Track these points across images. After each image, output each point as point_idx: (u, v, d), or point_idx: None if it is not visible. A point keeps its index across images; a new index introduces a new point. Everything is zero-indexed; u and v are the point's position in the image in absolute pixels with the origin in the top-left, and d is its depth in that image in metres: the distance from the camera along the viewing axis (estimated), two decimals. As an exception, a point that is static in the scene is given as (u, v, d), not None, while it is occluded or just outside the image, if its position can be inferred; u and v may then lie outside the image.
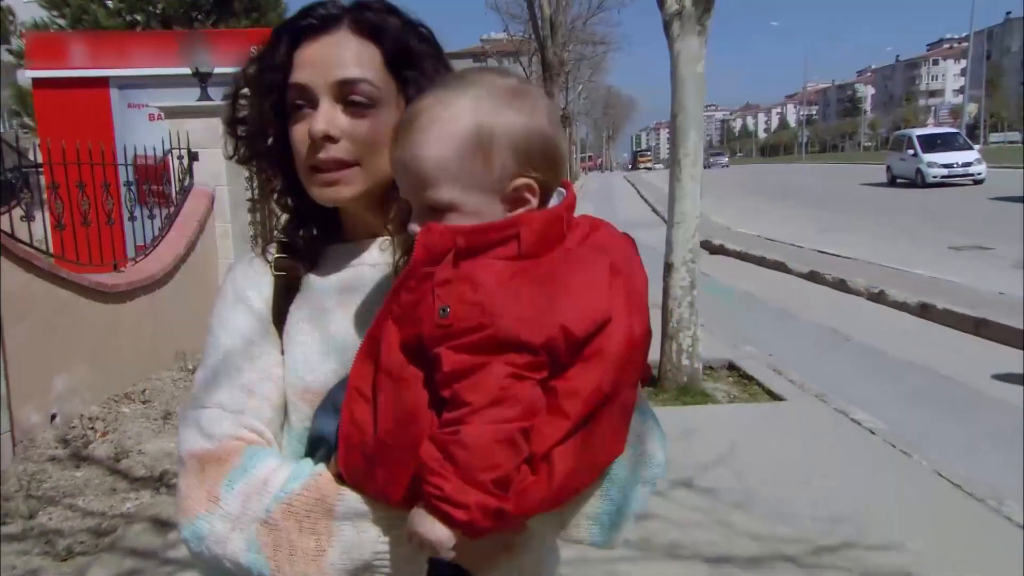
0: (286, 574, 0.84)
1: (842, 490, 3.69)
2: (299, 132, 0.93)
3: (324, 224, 1.01)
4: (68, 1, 14.87)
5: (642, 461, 0.89)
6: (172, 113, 7.11)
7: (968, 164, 24.25)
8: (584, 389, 0.77)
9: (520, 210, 0.83)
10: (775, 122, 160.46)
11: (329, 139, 0.91)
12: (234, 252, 7.30)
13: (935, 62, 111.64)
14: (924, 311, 7.65)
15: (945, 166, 24.21)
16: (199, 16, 16.21)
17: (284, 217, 1.05)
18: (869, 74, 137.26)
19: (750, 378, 5.57)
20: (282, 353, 0.97)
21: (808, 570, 3.02)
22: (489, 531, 0.77)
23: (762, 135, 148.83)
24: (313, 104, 0.92)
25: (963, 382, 5.60)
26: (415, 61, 0.94)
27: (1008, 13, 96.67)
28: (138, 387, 5.47)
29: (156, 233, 6.51)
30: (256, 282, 1.00)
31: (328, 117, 0.90)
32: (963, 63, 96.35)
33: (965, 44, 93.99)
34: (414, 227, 0.83)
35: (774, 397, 5.18)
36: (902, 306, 7.95)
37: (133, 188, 6.45)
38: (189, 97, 7.93)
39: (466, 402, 0.74)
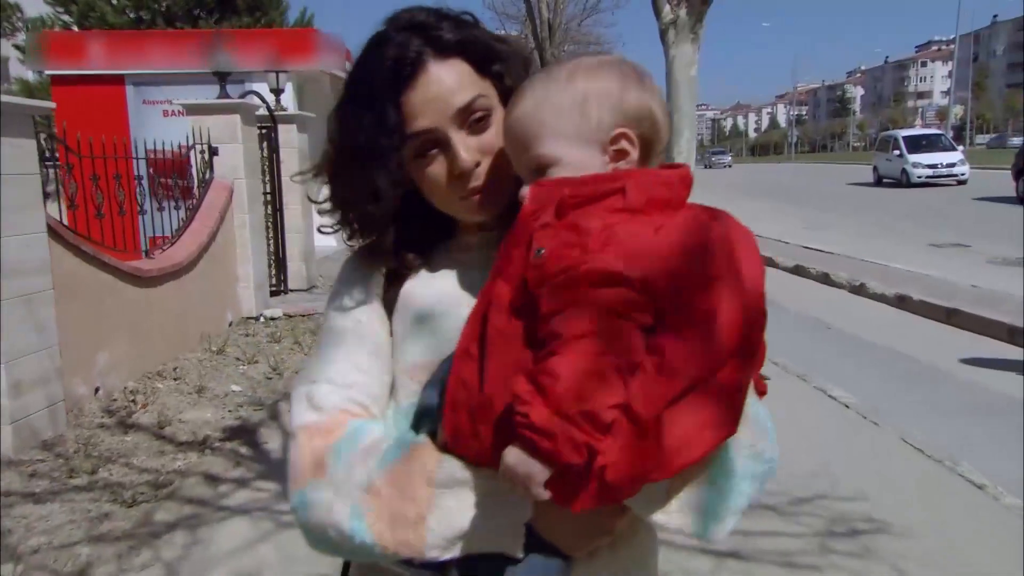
0: (387, 541, 0.85)
1: (818, 453, 4.14)
2: (435, 173, 0.96)
3: (435, 222, 1.04)
4: (76, 0, 15.14)
5: (752, 455, 0.86)
6: (193, 110, 7.49)
7: (952, 165, 24.80)
8: (696, 349, 0.74)
9: (622, 163, 0.88)
10: (765, 122, 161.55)
11: (476, 165, 0.95)
12: (251, 242, 7.70)
13: (923, 64, 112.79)
14: (901, 302, 8.13)
15: (930, 166, 24.74)
16: (202, 14, 16.52)
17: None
18: (859, 75, 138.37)
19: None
20: (391, 335, 1.01)
21: (786, 517, 3.46)
22: (585, 476, 0.75)
23: (752, 135, 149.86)
24: (441, 144, 0.95)
25: (932, 365, 6.07)
26: (492, 53, 0.98)
27: (995, 16, 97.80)
28: (168, 365, 5.88)
29: (178, 224, 6.89)
30: (366, 272, 1.03)
31: (466, 146, 0.94)
32: (951, 65, 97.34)
33: (953, 46, 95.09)
34: (524, 191, 0.87)
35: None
36: (881, 297, 8.44)
37: (144, 181, 6.77)
38: (202, 94, 8.32)
39: (558, 334, 0.74)
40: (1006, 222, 14.69)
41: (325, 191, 1.05)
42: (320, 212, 1.05)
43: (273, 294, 8.71)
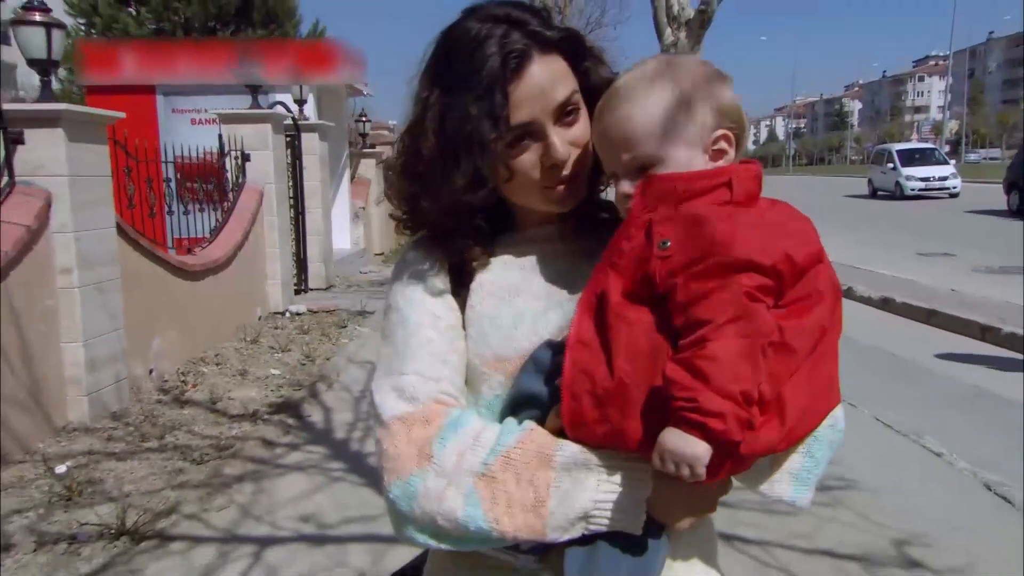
0: (504, 526, 0.85)
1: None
2: (528, 163, 0.97)
3: (497, 213, 1.04)
4: (99, 11, 15.72)
5: (832, 423, 0.91)
6: (227, 119, 8.05)
7: (944, 178, 25.45)
8: (809, 327, 0.81)
9: (721, 161, 0.92)
10: (764, 134, 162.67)
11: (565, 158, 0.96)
12: (279, 243, 8.26)
13: (920, 78, 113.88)
14: (885, 304, 8.70)
15: (922, 179, 25.32)
16: (218, 26, 17.10)
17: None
18: (856, 89, 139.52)
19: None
20: (464, 328, 1.01)
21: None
22: (731, 451, 0.79)
23: (751, 147, 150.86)
24: (538, 135, 0.96)
25: (910, 359, 6.62)
26: (584, 50, 1.01)
27: (991, 32, 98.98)
28: (210, 352, 6.42)
29: (212, 226, 7.43)
30: (433, 266, 1.03)
31: (561, 140, 0.96)
32: (948, 79, 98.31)
33: (948, 62, 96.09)
34: (625, 185, 0.91)
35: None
36: (867, 300, 8.99)
37: (172, 184, 7.21)
38: (228, 103, 8.90)
39: (705, 321, 0.77)
40: (992, 233, 15.29)
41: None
42: (392, 216, 1.07)
43: (295, 292, 9.25)
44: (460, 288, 1.02)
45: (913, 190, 25.19)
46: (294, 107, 9.80)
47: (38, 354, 4.42)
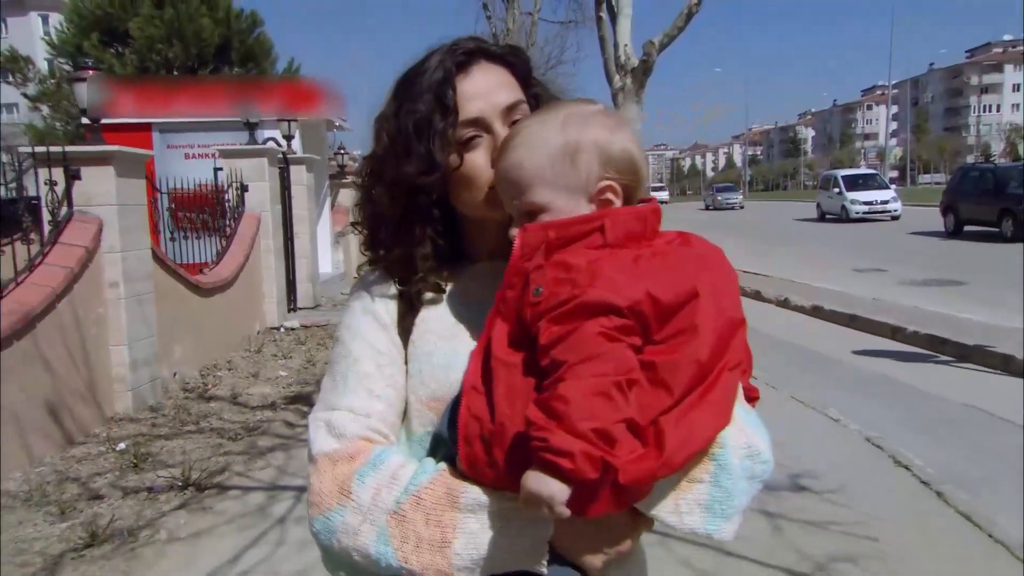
0: (413, 565, 0.88)
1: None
2: (479, 158, 1.00)
3: (449, 245, 1.06)
4: (84, 51, 16.49)
5: (749, 455, 0.91)
6: (227, 154, 8.96)
7: (886, 202, 26.82)
8: (682, 361, 0.83)
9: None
10: (722, 161, 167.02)
11: None
12: (274, 265, 9.13)
13: (869, 107, 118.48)
14: (815, 311, 9.85)
15: (866, 203, 26.72)
16: (198, 65, 17.96)
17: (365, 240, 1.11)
18: (809, 117, 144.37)
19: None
20: (406, 363, 1.03)
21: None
22: (598, 486, 0.81)
23: (710, 173, 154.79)
24: (487, 131, 1.00)
25: (828, 355, 7.72)
26: (531, 75, 1.08)
27: (931, 64, 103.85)
28: (221, 360, 7.26)
29: (215, 251, 8.29)
30: (383, 297, 1.05)
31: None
32: (895, 108, 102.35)
33: (896, 91, 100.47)
34: (513, 231, 0.93)
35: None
36: (800, 308, 10.15)
37: (166, 214, 7.98)
38: (220, 138, 9.81)
39: (561, 362, 0.81)
40: (925, 252, 16.73)
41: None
42: (353, 224, 1.10)
43: (287, 310, 10.09)
44: (408, 322, 1.04)
45: (857, 213, 26.66)
46: (283, 142, 10.72)
47: (92, 354, 5.26)
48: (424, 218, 1.02)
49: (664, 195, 71.22)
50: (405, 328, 1.04)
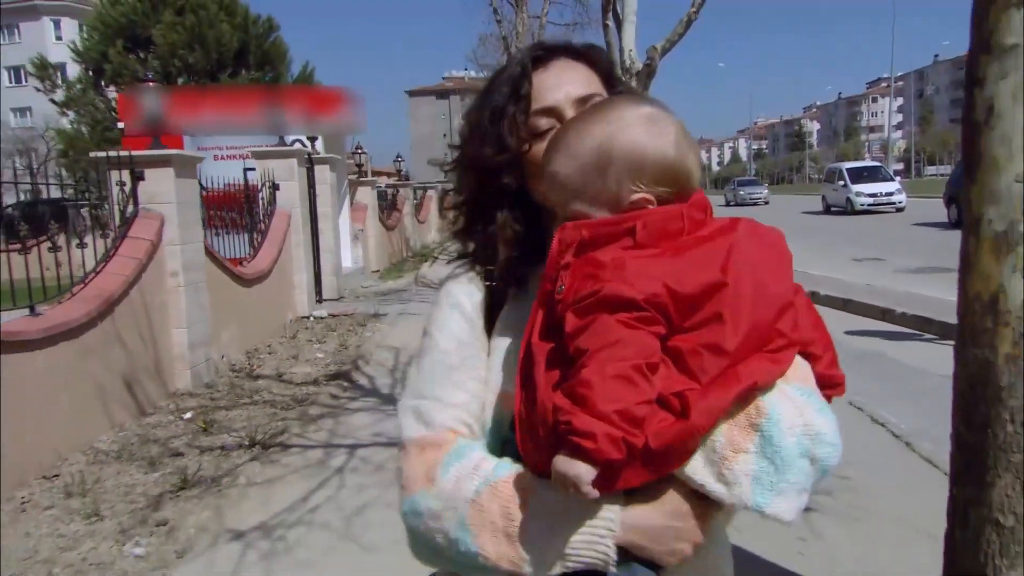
0: (489, 552, 0.92)
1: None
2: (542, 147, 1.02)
3: (532, 247, 1.08)
4: (109, 58, 17.18)
5: (806, 434, 0.90)
6: (259, 155, 9.60)
7: (890, 194, 27.05)
8: (707, 348, 0.86)
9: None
10: (727, 155, 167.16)
11: None
12: (304, 258, 9.77)
13: (874, 99, 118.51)
14: (812, 296, 10.31)
15: (871, 195, 27.00)
16: (218, 69, 18.63)
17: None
18: (815, 110, 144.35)
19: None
20: (488, 356, 1.07)
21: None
22: (624, 466, 0.84)
23: (716, 168, 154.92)
24: (561, 120, 1.04)
25: (823, 334, 8.31)
26: (614, 74, 1.11)
27: (936, 55, 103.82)
28: (261, 345, 7.90)
29: (254, 244, 8.93)
30: (469, 291, 1.10)
31: None
32: (899, 100, 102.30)
33: (902, 83, 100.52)
34: (554, 230, 0.97)
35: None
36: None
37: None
38: (248, 141, 10.44)
39: (584, 350, 0.85)
40: (922, 241, 17.26)
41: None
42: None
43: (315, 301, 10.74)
44: (492, 315, 1.09)
45: (862, 205, 26.97)
46: (307, 143, 11.36)
47: (158, 335, 5.91)
48: (502, 203, 1.07)
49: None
50: (489, 321, 1.09)
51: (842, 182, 28.58)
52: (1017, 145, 2.07)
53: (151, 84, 6.07)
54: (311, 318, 9.64)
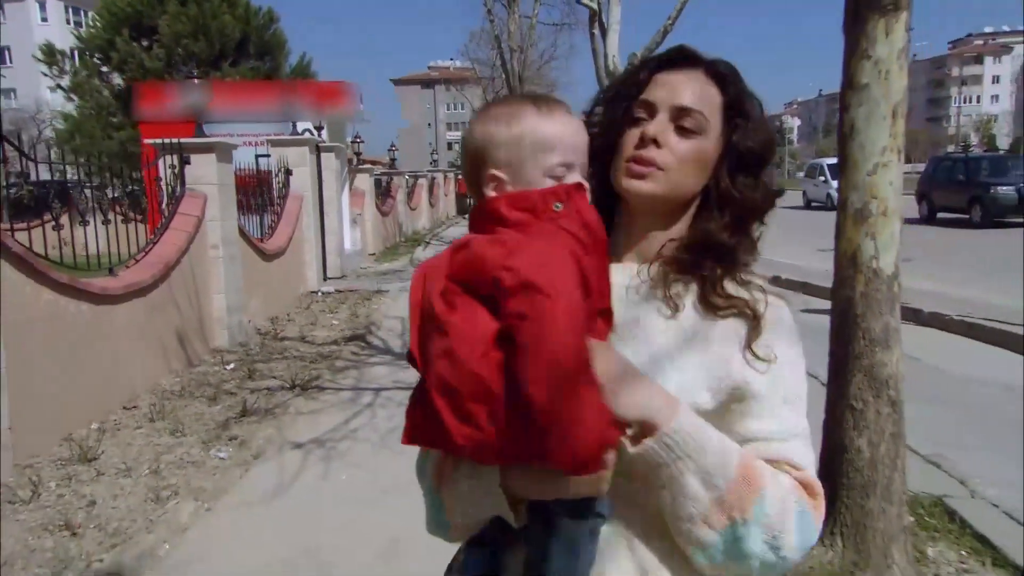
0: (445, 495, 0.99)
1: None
2: (632, 134, 1.06)
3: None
4: (116, 47, 17.88)
5: (768, 542, 0.93)
6: (275, 143, 10.49)
7: None
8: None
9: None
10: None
11: (655, 143, 1.04)
12: (313, 238, 10.67)
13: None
14: (774, 281, 11.41)
15: None
16: (218, 59, 19.36)
17: None
18: (795, 106, 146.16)
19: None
20: None
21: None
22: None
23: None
24: (653, 117, 1.06)
25: (780, 311, 9.39)
26: (746, 113, 1.09)
27: (914, 55, 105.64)
28: (282, 313, 8.83)
29: (271, 224, 9.81)
30: None
31: (662, 127, 1.05)
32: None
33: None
34: None
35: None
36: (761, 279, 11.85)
37: None
38: (257, 129, 11.31)
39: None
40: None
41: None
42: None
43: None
44: None
45: None
46: (315, 132, 12.24)
47: (202, 298, 6.83)
48: (593, 183, 1.03)
49: None
50: None
51: (823, 178, 28.69)
52: (868, 151, 3.09)
53: (195, 81, 6.88)
54: (319, 293, 10.56)
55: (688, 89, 1.06)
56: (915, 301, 8.66)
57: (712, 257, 1.07)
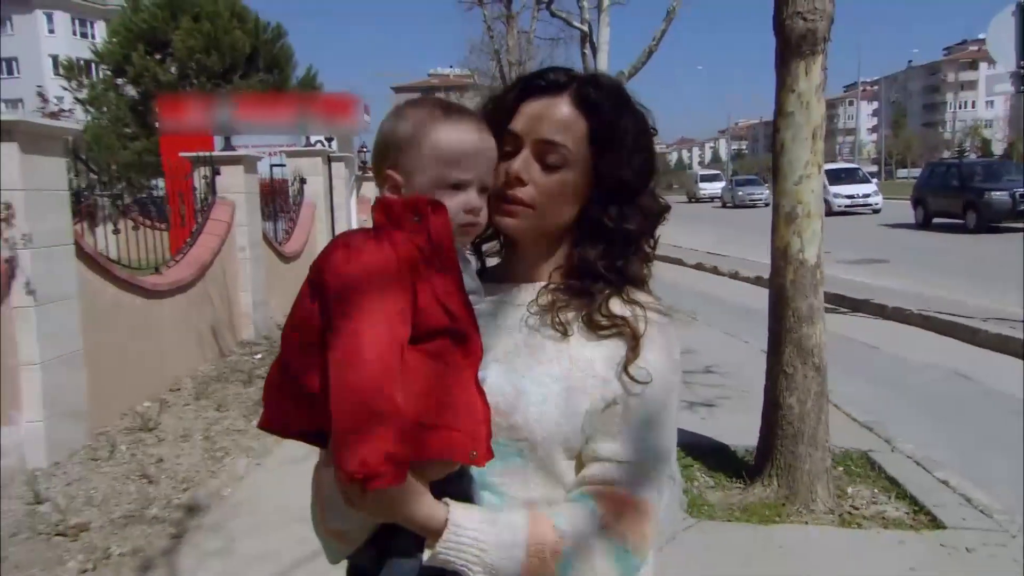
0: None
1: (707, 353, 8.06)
2: (501, 168, 1.05)
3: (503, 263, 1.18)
4: (132, 61, 18.68)
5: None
6: (291, 154, 11.26)
7: (867, 195, 27.23)
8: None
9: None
10: (708, 155, 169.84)
11: (519, 181, 1.05)
12: (322, 246, 11.43)
13: (850, 103, 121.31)
14: (757, 280, 12.26)
15: (848, 197, 27.00)
16: (228, 72, 20.14)
17: None
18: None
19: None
20: None
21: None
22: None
23: (696, 168, 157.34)
24: (518, 150, 1.06)
25: (759, 309, 10.13)
26: (616, 140, 1.06)
27: (910, 61, 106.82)
28: (298, 312, 9.57)
29: (286, 229, 10.57)
30: None
31: (525, 164, 1.05)
32: (875, 104, 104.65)
33: (876, 87, 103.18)
34: None
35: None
36: (746, 279, 12.59)
37: None
38: (270, 140, 12.09)
39: None
40: (879, 238, 18.99)
41: None
42: None
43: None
44: None
45: (840, 206, 26.62)
46: (326, 143, 13.02)
47: (231, 295, 7.58)
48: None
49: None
50: None
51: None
52: (795, 165, 3.84)
53: (215, 94, 7.65)
54: (332, 293, 11.29)
55: (550, 121, 1.06)
56: (887, 299, 9.42)
57: (596, 279, 1.07)
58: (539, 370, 1.02)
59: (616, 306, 1.06)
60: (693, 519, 3.66)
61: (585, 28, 9.67)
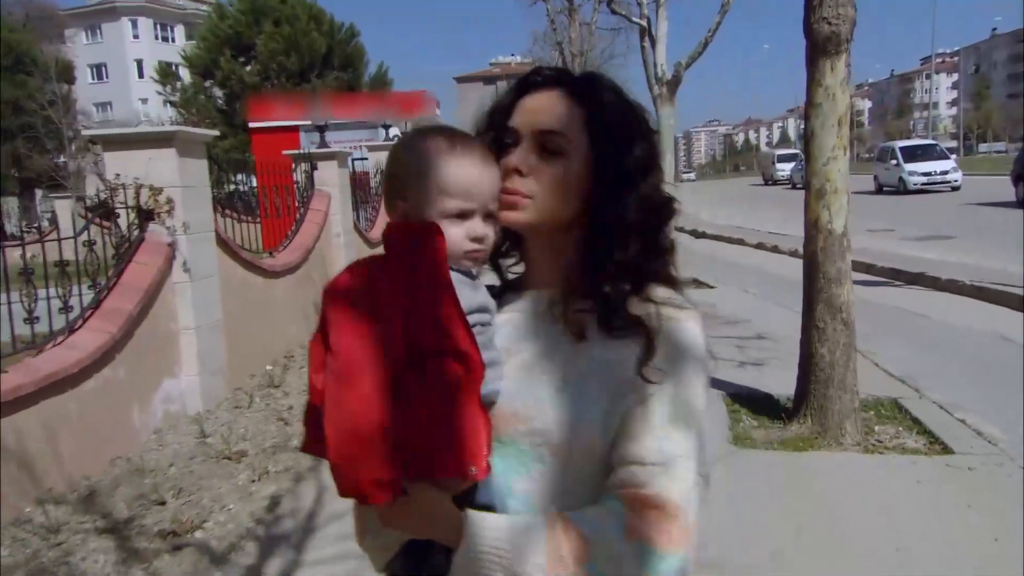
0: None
1: (741, 307, 8.64)
2: (502, 164, 1.07)
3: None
4: (219, 65, 20.07)
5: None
6: (371, 148, 12.23)
7: (945, 172, 25.64)
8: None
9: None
10: (776, 135, 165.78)
11: (518, 172, 1.06)
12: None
13: (928, 76, 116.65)
14: (795, 253, 12.68)
15: (925, 174, 25.56)
16: (307, 71, 21.36)
17: None
18: (866, 88, 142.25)
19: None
20: None
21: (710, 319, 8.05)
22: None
23: (764, 148, 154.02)
24: (517, 144, 1.08)
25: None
26: (615, 129, 1.08)
27: (994, 29, 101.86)
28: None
29: (368, 218, 11.54)
30: None
31: (523, 156, 1.07)
32: (955, 76, 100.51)
33: (956, 58, 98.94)
34: None
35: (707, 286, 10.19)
36: (786, 252, 13.00)
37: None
38: (351, 136, 13.04)
39: None
40: (958, 218, 18.50)
41: None
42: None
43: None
44: None
45: (916, 185, 25.52)
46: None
47: (330, 276, 8.53)
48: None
49: (691, 175, 73.01)
50: None
51: (895, 161, 27.17)
52: (823, 149, 4.45)
53: (315, 95, 8.60)
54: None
55: (546, 111, 1.07)
56: (942, 272, 9.74)
57: (608, 279, 1.06)
58: (557, 374, 1.02)
59: (632, 305, 1.04)
60: (737, 448, 4.36)
61: (644, 23, 10.26)
